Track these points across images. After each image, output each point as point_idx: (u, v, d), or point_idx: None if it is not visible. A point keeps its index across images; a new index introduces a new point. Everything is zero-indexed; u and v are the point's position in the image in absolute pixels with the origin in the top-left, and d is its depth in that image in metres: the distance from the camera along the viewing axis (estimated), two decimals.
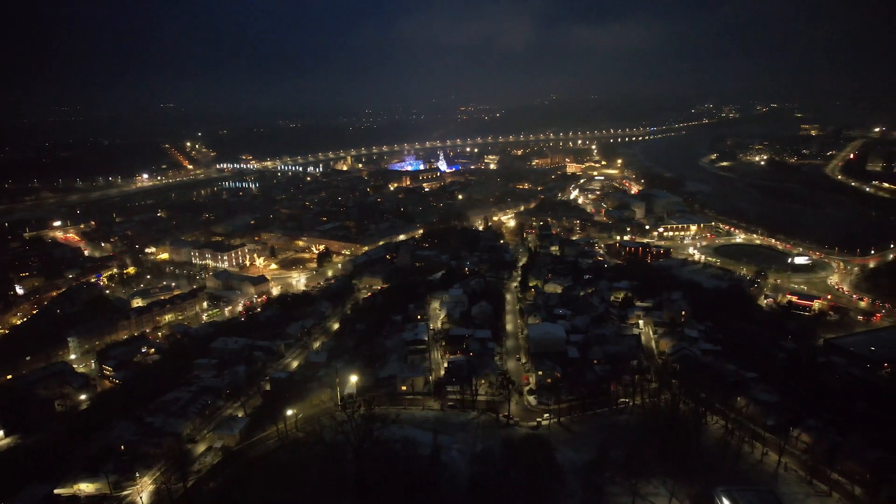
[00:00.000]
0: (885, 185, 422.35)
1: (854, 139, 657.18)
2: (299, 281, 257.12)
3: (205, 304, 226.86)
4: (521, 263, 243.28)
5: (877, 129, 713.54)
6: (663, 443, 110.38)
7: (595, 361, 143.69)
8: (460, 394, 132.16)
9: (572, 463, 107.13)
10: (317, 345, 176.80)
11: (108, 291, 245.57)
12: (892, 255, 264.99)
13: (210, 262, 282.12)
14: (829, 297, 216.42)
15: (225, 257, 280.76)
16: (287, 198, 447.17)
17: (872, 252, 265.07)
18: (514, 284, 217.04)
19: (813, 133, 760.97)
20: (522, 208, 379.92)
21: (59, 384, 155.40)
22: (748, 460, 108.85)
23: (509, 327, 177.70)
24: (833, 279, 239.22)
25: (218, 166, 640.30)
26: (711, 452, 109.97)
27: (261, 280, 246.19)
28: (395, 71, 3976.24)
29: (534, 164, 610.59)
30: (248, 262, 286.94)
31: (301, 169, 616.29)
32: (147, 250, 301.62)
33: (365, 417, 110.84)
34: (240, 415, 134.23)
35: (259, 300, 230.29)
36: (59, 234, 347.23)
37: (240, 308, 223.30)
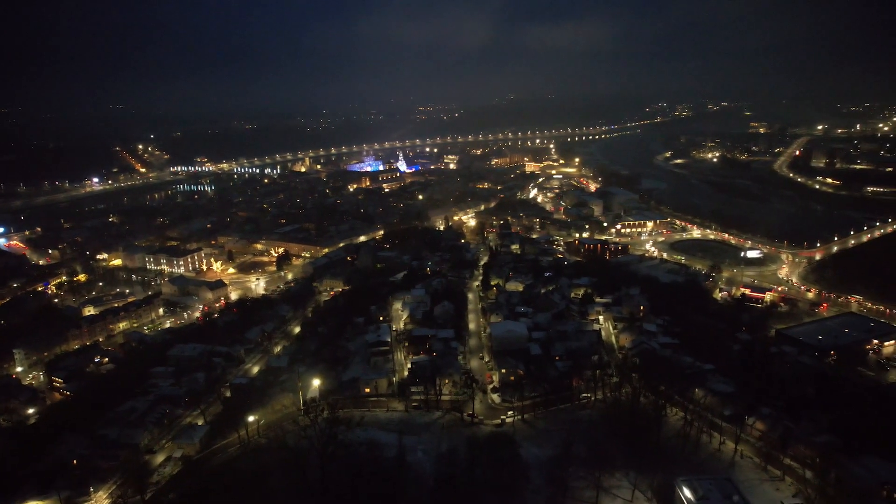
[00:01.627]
0: (829, 180, 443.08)
1: (799, 136, 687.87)
2: (258, 285, 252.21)
3: (161, 311, 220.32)
4: (482, 262, 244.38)
5: (820, 127, 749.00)
6: (625, 436, 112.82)
7: (557, 358, 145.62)
8: (424, 394, 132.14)
9: (537, 459, 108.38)
10: (278, 349, 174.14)
11: (56, 300, 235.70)
12: (835, 248, 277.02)
13: (165, 268, 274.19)
14: (779, 288, 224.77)
15: (181, 262, 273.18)
16: (244, 200, 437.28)
17: (818, 245, 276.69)
18: (476, 283, 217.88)
19: (762, 131, 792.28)
20: (483, 207, 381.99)
21: (3, 398, 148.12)
22: (706, 450, 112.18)
23: (472, 326, 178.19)
24: (783, 272, 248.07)
25: (172, 169, 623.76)
26: (671, 443, 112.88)
27: (218, 285, 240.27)
28: (352, 71, 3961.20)
29: (493, 163, 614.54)
30: (204, 267, 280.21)
31: (258, 171, 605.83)
32: (99, 256, 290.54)
33: (328, 421, 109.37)
34: (199, 423, 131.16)
35: (217, 305, 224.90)
36: (1, 242, 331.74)
37: (197, 314, 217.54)
